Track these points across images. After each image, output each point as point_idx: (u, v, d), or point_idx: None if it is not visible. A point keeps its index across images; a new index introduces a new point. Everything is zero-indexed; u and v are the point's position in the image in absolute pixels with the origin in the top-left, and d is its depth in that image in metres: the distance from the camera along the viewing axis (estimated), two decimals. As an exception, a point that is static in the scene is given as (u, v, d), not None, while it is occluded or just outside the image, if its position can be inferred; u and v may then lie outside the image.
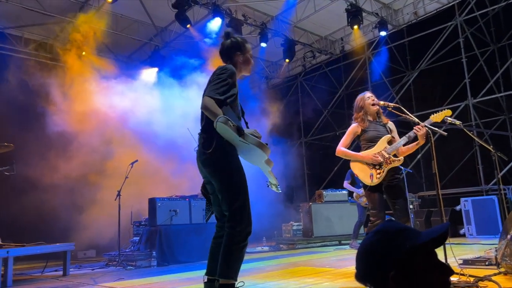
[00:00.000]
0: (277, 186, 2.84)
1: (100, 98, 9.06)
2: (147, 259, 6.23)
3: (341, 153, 3.83)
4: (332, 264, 5.22)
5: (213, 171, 2.62)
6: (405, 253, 1.19)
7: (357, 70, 11.89)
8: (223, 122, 2.41)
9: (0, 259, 4.58)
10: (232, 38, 2.89)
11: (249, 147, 2.56)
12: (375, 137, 3.74)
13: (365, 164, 3.67)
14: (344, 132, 3.93)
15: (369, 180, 3.61)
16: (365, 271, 1.31)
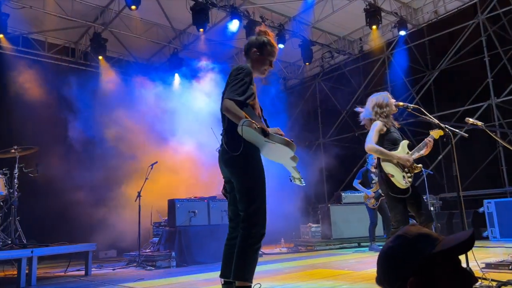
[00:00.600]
0: (301, 179, 2.83)
1: (121, 100, 9.22)
2: (167, 259, 6.29)
3: (374, 149, 3.54)
4: (351, 266, 5.18)
5: (234, 171, 2.65)
6: (424, 259, 1.17)
7: (376, 70, 11.77)
8: (248, 125, 2.42)
9: (24, 258, 4.71)
10: (258, 36, 2.88)
11: (274, 146, 2.56)
12: (397, 139, 3.63)
13: (397, 165, 3.51)
14: (364, 133, 3.83)
15: (403, 182, 3.45)
16: (384, 275, 1.30)
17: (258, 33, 2.90)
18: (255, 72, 2.85)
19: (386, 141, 3.62)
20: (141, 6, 8.09)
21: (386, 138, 3.63)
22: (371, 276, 4.17)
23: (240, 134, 2.47)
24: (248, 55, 2.87)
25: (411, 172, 3.52)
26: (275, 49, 2.88)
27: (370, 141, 3.56)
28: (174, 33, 10.39)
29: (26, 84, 8.82)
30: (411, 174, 3.51)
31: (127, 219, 8.03)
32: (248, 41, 2.92)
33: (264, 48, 2.83)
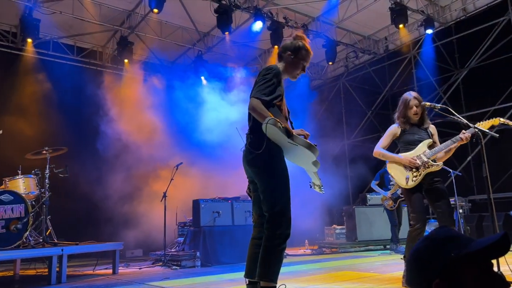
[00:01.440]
0: (321, 187, 2.81)
1: (147, 102, 9.39)
2: (191, 259, 6.36)
3: (378, 154, 3.78)
4: (377, 269, 5.10)
5: (258, 171, 2.64)
6: (450, 261, 1.14)
7: (402, 69, 11.56)
8: (273, 123, 2.42)
9: (55, 256, 4.85)
10: (294, 41, 2.89)
11: (297, 148, 2.52)
12: (414, 141, 3.69)
13: (402, 166, 3.63)
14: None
15: (404, 183, 3.57)
16: (411, 277, 1.28)
17: (295, 38, 2.90)
18: (287, 75, 2.88)
19: (401, 143, 3.76)
20: (166, 9, 8.23)
21: (400, 140, 3.76)
22: (398, 279, 4.10)
23: (264, 132, 2.47)
24: (282, 57, 2.87)
25: (421, 170, 3.55)
26: (309, 55, 2.88)
27: (377, 146, 3.81)
28: (199, 36, 10.49)
29: (56, 87, 9.09)
30: (418, 173, 3.55)
31: (153, 219, 8.17)
32: (283, 44, 2.94)
33: (299, 52, 2.84)
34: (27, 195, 5.29)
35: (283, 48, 2.89)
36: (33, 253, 4.99)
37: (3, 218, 4.69)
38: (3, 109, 8.43)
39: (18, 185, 5.42)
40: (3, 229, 4.67)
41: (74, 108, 8.92)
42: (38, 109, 8.86)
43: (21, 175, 5.51)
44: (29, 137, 7.90)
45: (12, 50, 9.35)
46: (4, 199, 4.75)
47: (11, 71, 9.07)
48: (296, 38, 2.91)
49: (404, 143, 3.72)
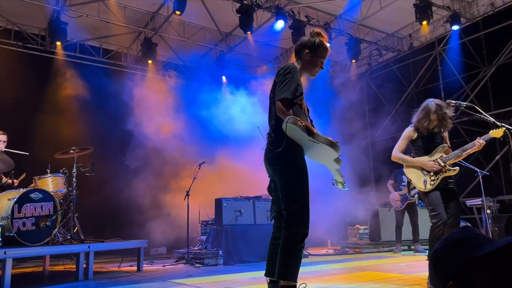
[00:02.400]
0: (344, 184, 2.79)
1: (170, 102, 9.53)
2: (214, 257, 6.42)
3: (397, 158, 3.79)
4: (400, 270, 5.03)
5: (277, 170, 2.64)
6: (463, 263, 1.12)
7: (427, 67, 11.33)
8: (293, 122, 2.42)
9: (82, 253, 4.99)
10: (310, 38, 2.87)
11: (318, 146, 2.51)
12: (430, 146, 3.71)
13: (420, 169, 3.66)
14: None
15: (423, 186, 3.61)
16: (431, 278, 1.28)
17: (312, 34, 2.89)
18: (305, 73, 2.86)
19: (416, 146, 3.77)
20: (189, 10, 8.32)
21: (416, 144, 3.77)
22: (422, 280, 4.04)
23: (284, 131, 2.48)
24: (300, 55, 2.85)
25: (440, 175, 3.59)
26: (327, 51, 2.87)
27: (395, 150, 3.83)
28: (220, 36, 10.56)
29: (83, 88, 9.34)
30: (436, 177, 3.59)
31: (177, 217, 8.29)
32: (300, 41, 2.90)
33: (317, 50, 2.82)
34: (55, 193, 5.46)
35: (301, 46, 2.86)
36: (62, 249, 5.15)
37: (33, 216, 4.85)
38: (33, 110, 8.72)
39: (47, 183, 5.60)
40: (33, 226, 4.82)
41: (100, 108, 9.14)
42: (66, 110, 9.14)
43: (49, 174, 5.69)
44: (58, 136, 8.15)
45: (41, 52, 9.65)
46: (34, 197, 4.91)
47: (40, 73, 9.36)
48: (314, 35, 2.88)
49: (419, 148, 3.75)
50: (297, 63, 2.83)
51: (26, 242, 4.64)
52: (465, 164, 5.44)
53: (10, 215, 4.60)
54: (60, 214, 5.20)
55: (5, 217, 4.58)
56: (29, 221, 4.81)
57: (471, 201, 7.52)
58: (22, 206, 4.75)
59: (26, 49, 9.48)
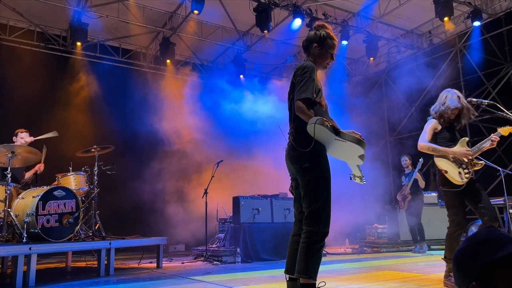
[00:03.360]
0: (362, 178, 2.77)
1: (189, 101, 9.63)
2: (232, 255, 6.47)
3: (426, 147, 3.60)
4: (420, 269, 4.98)
5: (301, 169, 2.64)
6: (485, 264, 1.12)
7: (448, 64, 11.14)
8: (320, 123, 2.45)
9: (104, 249, 5.10)
10: (317, 31, 2.87)
11: (345, 144, 2.52)
12: (454, 137, 3.60)
13: (452, 162, 3.49)
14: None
15: (459, 178, 3.42)
16: (455, 278, 1.28)
17: (316, 28, 2.89)
18: (317, 67, 2.84)
19: (440, 138, 3.64)
20: (206, 9, 8.38)
21: (440, 136, 3.64)
22: (441, 280, 3.99)
23: (312, 132, 2.50)
24: (309, 51, 2.86)
25: (469, 168, 3.44)
26: (335, 42, 2.86)
27: (422, 140, 3.66)
28: (238, 35, 10.60)
29: (103, 88, 9.52)
30: (468, 171, 3.43)
31: (195, 215, 8.38)
32: (307, 37, 2.90)
33: (324, 42, 2.82)
34: (77, 191, 5.59)
35: (308, 41, 2.87)
36: (84, 246, 5.26)
37: (56, 213, 4.98)
38: (55, 109, 8.92)
39: (70, 181, 5.73)
40: (56, 222, 4.95)
41: (119, 107, 9.30)
42: (87, 109, 9.33)
43: (72, 172, 5.82)
44: (79, 135, 8.33)
45: (62, 53, 9.86)
46: (57, 195, 5.04)
47: (62, 73, 9.58)
48: (318, 28, 2.88)
49: (444, 139, 3.62)
50: (308, 60, 2.84)
51: (50, 238, 4.77)
52: (487, 163, 5.35)
53: (34, 212, 4.73)
54: (82, 211, 5.32)
55: (30, 214, 4.71)
56: (53, 218, 4.93)
57: (493, 200, 7.38)
58: (46, 203, 4.88)
59: (48, 50, 9.71)
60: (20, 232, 4.64)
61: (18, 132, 5.81)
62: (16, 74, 8.65)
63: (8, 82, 8.66)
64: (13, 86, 8.66)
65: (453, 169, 3.46)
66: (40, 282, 4.38)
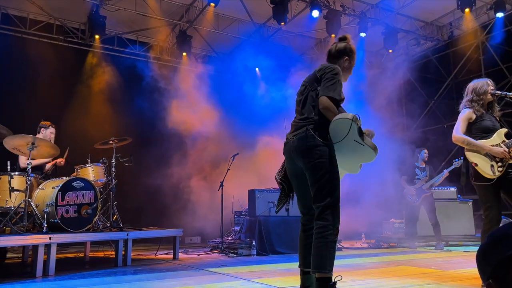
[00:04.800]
0: None
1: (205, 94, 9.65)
2: (247, 247, 6.48)
3: (461, 140, 3.41)
4: (438, 265, 4.91)
5: (314, 163, 2.60)
6: (501, 262, 1.09)
7: (469, 56, 10.88)
8: (354, 120, 2.51)
9: (121, 240, 5.16)
10: (347, 44, 2.93)
11: (361, 148, 2.58)
12: (491, 128, 3.41)
13: (484, 154, 3.33)
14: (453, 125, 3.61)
15: (490, 172, 3.27)
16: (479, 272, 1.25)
17: (342, 39, 2.98)
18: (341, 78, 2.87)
19: (476, 129, 3.45)
20: (223, 2, 8.35)
21: (475, 126, 3.45)
22: (461, 277, 3.93)
23: (347, 129, 2.51)
24: (337, 60, 2.90)
25: (504, 162, 3.28)
26: (355, 56, 2.98)
27: (456, 131, 3.46)
28: (254, 27, 10.54)
29: (121, 81, 9.61)
30: (503, 164, 3.27)
31: (211, 207, 8.42)
32: (338, 47, 2.93)
33: (353, 57, 2.93)
34: (95, 182, 5.66)
35: (339, 52, 2.91)
36: (102, 236, 5.35)
37: (75, 203, 5.06)
38: (74, 102, 9.06)
39: (88, 172, 5.81)
40: (75, 213, 5.03)
41: (137, 99, 9.37)
42: (105, 102, 9.45)
43: (90, 163, 5.90)
44: (98, 128, 8.43)
45: (81, 46, 9.97)
46: (76, 186, 5.12)
47: (81, 66, 9.71)
48: (344, 40, 2.96)
49: (480, 130, 3.42)
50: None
51: (69, 229, 4.85)
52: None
53: (54, 202, 4.81)
54: (100, 202, 5.40)
55: (50, 204, 4.80)
56: (72, 208, 5.02)
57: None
58: (65, 194, 4.96)
59: (67, 43, 9.83)
60: (40, 222, 4.73)
61: (49, 125, 5.87)
62: (36, 67, 8.80)
63: (28, 75, 8.82)
64: (33, 79, 8.82)
65: (484, 162, 3.32)
66: (60, 271, 4.47)
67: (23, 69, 8.74)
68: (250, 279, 3.96)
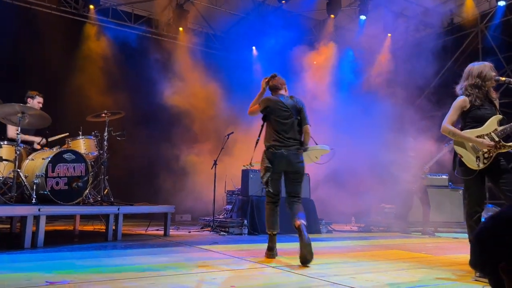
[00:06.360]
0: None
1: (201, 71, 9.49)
2: (239, 226, 6.47)
3: (447, 131, 3.35)
4: (428, 250, 4.93)
5: (302, 167, 4.06)
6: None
7: (467, 45, 10.80)
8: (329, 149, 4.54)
9: (112, 215, 5.09)
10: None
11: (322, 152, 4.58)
12: (484, 117, 3.31)
13: (472, 146, 3.28)
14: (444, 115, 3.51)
15: (475, 164, 3.24)
16: (476, 258, 1.22)
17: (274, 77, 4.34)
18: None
19: (469, 118, 3.36)
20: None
21: (469, 115, 3.35)
22: (452, 262, 3.95)
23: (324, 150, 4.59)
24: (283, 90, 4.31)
25: (491, 153, 3.23)
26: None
27: (445, 122, 3.39)
28: (253, 4, 10.33)
29: (115, 53, 9.38)
30: (490, 154, 3.22)
31: (203, 186, 8.37)
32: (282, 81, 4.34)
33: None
34: (87, 155, 5.54)
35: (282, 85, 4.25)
36: (92, 210, 5.27)
37: (65, 176, 4.96)
38: (67, 73, 8.85)
39: (80, 145, 5.69)
40: (65, 186, 4.94)
41: (131, 74, 9.19)
42: (98, 74, 9.22)
43: (82, 136, 5.77)
44: (90, 100, 8.27)
45: (74, 16, 9.69)
46: (67, 158, 5.01)
47: (74, 37, 9.44)
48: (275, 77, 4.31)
49: (472, 119, 3.33)
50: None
51: (58, 201, 4.76)
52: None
53: (44, 173, 4.71)
54: (91, 176, 5.30)
55: (39, 175, 4.70)
56: (62, 180, 4.92)
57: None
58: (55, 165, 4.85)
59: (60, 12, 9.53)
60: (29, 193, 4.64)
61: (36, 95, 5.72)
62: (28, 36, 8.55)
63: (20, 44, 8.56)
64: (26, 48, 8.56)
65: (470, 154, 3.29)
66: (48, 244, 4.39)
67: (15, 38, 8.47)
68: (242, 258, 3.94)
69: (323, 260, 3.95)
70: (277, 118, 3.97)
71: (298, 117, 3.96)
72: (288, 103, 3.97)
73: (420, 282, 2.94)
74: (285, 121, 3.93)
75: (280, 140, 3.93)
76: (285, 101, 3.98)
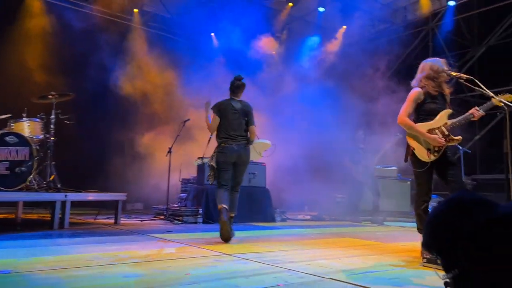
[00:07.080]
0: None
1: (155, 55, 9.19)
2: (194, 215, 6.38)
3: (404, 123, 3.43)
4: (379, 238, 5.10)
5: (247, 160, 4.68)
6: (479, 226, 1.13)
7: (419, 42, 11.21)
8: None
9: (59, 202, 4.83)
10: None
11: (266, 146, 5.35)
12: (436, 110, 3.43)
13: (424, 140, 3.39)
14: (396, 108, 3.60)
15: (426, 157, 3.37)
16: (433, 239, 1.28)
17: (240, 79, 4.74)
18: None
19: (422, 111, 3.47)
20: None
21: (422, 108, 3.47)
22: (400, 249, 4.09)
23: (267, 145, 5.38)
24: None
25: (441, 147, 3.36)
26: None
27: (401, 113, 3.47)
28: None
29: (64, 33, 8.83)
30: (440, 148, 3.36)
31: (156, 173, 8.16)
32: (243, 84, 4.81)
33: None
34: (31, 139, 5.20)
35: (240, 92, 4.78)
36: (37, 197, 4.97)
37: (7, 160, 4.64)
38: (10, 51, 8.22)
39: (23, 128, 5.32)
40: (7, 170, 4.62)
41: (81, 55, 8.69)
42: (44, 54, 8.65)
43: (26, 118, 5.40)
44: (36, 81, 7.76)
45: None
46: (9, 141, 4.69)
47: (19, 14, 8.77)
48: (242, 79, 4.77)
49: (425, 112, 3.45)
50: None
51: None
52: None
53: (-17, 157, 4.37)
54: (36, 161, 4.99)
55: (-23, 159, 4.35)
56: (3, 165, 4.60)
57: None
58: (-4, 149, 4.52)
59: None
60: (-34, 177, 4.29)
61: None
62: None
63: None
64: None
65: (421, 147, 3.41)
66: (-13, 232, 4.10)
67: None
68: (197, 246, 3.86)
69: (278, 247, 3.97)
70: (228, 118, 4.58)
71: (245, 118, 4.63)
72: (237, 106, 4.62)
73: (372, 267, 3.01)
74: (234, 121, 4.59)
75: (231, 137, 4.57)
76: (235, 105, 4.63)
